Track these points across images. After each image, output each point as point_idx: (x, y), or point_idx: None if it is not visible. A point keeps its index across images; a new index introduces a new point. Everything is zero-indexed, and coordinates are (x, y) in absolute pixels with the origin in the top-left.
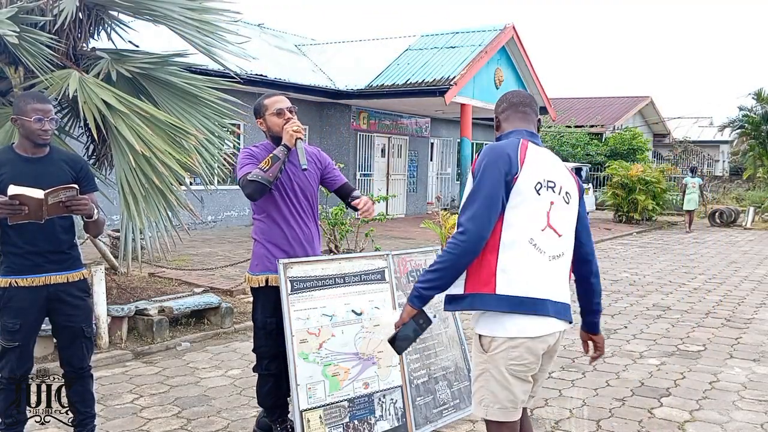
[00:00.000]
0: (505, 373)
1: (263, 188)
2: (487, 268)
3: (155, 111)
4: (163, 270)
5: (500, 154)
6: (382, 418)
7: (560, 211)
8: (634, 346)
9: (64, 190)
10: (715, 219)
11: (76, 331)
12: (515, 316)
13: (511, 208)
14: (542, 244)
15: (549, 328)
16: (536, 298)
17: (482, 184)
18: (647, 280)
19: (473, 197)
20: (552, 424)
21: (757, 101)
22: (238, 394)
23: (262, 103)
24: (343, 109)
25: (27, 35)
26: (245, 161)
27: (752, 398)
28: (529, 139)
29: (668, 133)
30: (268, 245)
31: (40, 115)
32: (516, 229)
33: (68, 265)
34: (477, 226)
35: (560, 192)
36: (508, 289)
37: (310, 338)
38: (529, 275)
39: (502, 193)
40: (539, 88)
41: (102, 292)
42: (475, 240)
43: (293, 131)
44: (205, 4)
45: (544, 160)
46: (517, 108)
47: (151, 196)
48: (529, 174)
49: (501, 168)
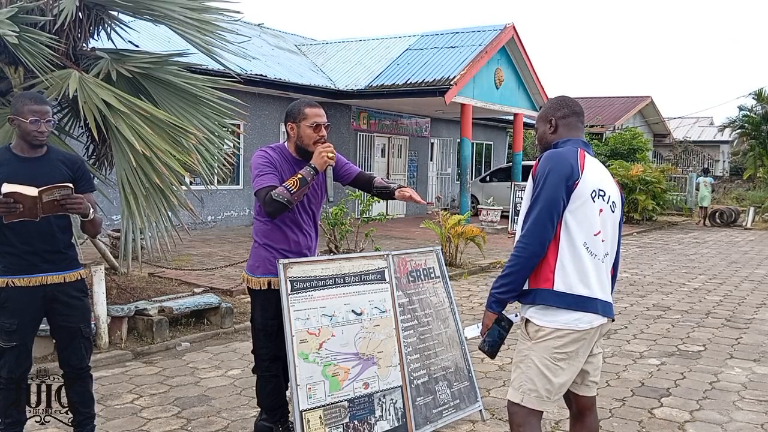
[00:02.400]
0: (546, 361)
1: (286, 209)
2: (547, 266)
3: (155, 110)
4: (163, 270)
5: (562, 161)
6: (382, 418)
7: (607, 219)
8: (634, 346)
9: (59, 189)
10: (716, 219)
11: (73, 331)
12: (566, 310)
13: (570, 212)
14: (594, 247)
15: (595, 323)
16: (588, 297)
17: (545, 189)
18: (647, 280)
19: (536, 201)
20: (552, 424)
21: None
22: (238, 394)
23: (302, 109)
24: (343, 109)
25: (27, 35)
26: (265, 168)
27: (752, 398)
28: (585, 149)
29: (668, 133)
30: (270, 248)
31: (37, 117)
32: (573, 232)
33: (65, 265)
34: (540, 230)
35: (608, 201)
36: (564, 287)
37: (310, 338)
38: (583, 275)
39: (563, 197)
40: (539, 88)
41: (102, 292)
42: (539, 242)
43: (328, 157)
44: (206, 3)
45: (598, 170)
46: (578, 117)
47: (152, 195)
48: (587, 181)
49: (563, 173)
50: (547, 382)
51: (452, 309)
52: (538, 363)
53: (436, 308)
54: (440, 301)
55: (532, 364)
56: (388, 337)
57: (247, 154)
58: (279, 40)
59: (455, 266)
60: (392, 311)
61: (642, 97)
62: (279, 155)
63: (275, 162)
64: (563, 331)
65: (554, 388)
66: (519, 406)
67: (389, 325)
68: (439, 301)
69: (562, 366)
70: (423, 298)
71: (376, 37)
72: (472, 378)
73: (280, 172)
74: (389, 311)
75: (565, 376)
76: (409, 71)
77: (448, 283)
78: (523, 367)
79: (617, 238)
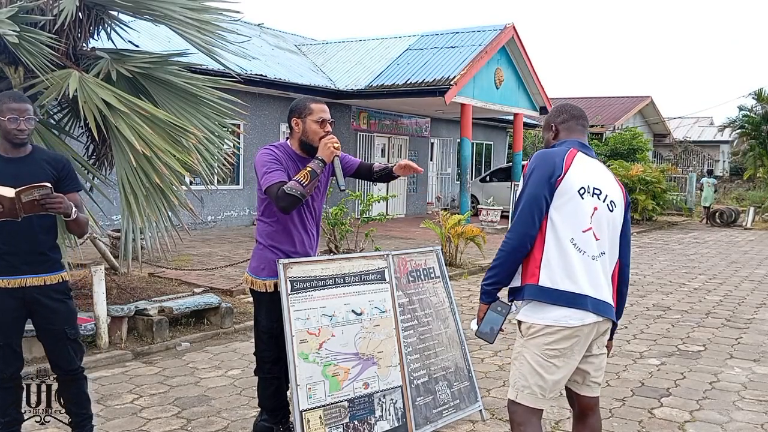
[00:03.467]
0: (538, 358)
1: (299, 203)
2: (533, 262)
3: (155, 110)
4: (163, 270)
5: (546, 158)
6: (382, 418)
7: (603, 217)
8: (634, 346)
9: (37, 188)
10: (716, 219)
11: (57, 333)
12: (555, 307)
13: (555, 209)
14: (583, 244)
15: (587, 320)
16: (576, 293)
17: (528, 186)
18: (647, 280)
19: (520, 198)
20: (552, 424)
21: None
22: (238, 394)
23: (308, 105)
24: (343, 109)
25: (27, 35)
26: (273, 165)
27: (752, 398)
28: (579, 149)
29: (668, 133)
30: (276, 250)
31: (15, 115)
32: (558, 229)
33: (46, 267)
34: (521, 225)
35: (605, 200)
36: (550, 282)
37: (310, 338)
38: (570, 271)
39: (545, 193)
40: (539, 88)
41: (102, 292)
42: (520, 237)
43: (334, 147)
44: (205, 3)
45: (592, 169)
46: (578, 120)
47: (152, 195)
48: (573, 178)
49: (545, 170)
50: (540, 379)
51: (452, 309)
52: (530, 360)
53: (436, 308)
54: (440, 301)
55: (525, 361)
56: (388, 337)
57: (247, 154)
58: (279, 40)
59: (455, 266)
60: (392, 311)
61: (642, 97)
62: (283, 153)
63: (280, 159)
64: (553, 327)
65: (548, 386)
66: (518, 404)
67: (389, 325)
68: (439, 301)
69: (556, 363)
70: (423, 298)
71: (376, 37)
72: (472, 378)
73: (285, 169)
74: (389, 311)
75: (560, 374)
76: (409, 71)
77: (448, 283)
78: (517, 365)
79: (619, 239)
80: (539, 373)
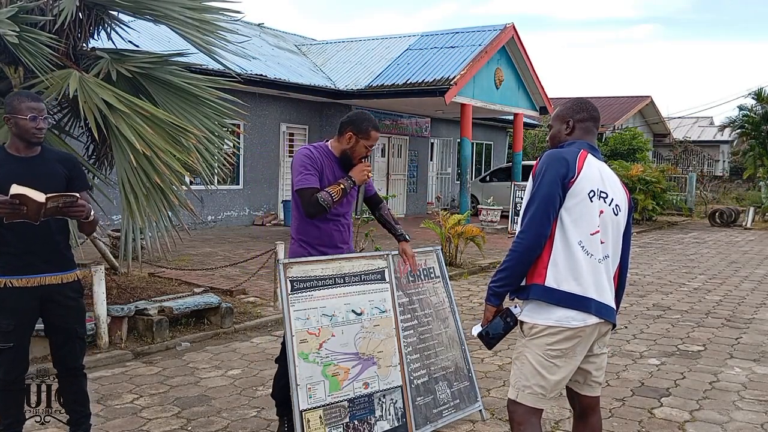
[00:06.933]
0: (540, 358)
1: (324, 213)
2: (541, 262)
3: (156, 110)
4: (163, 270)
5: (559, 159)
6: (382, 418)
7: (608, 221)
8: (634, 346)
9: (65, 197)
10: (716, 219)
11: (69, 331)
12: (558, 307)
13: (566, 210)
14: (590, 247)
15: (589, 322)
16: (581, 296)
17: (542, 186)
18: (647, 280)
19: (533, 198)
20: (552, 424)
21: (757, 101)
22: (238, 394)
23: (370, 130)
24: (343, 109)
25: (27, 35)
26: (309, 169)
27: (752, 398)
28: (589, 151)
29: (668, 133)
30: (305, 245)
31: (35, 113)
32: (568, 230)
33: (62, 266)
34: (536, 225)
35: (611, 203)
36: (555, 284)
37: (309, 338)
38: (576, 273)
39: (559, 193)
40: (539, 88)
41: (102, 292)
42: (535, 237)
43: (368, 176)
44: (206, 3)
45: (601, 172)
46: (596, 123)
47: (152, 195)
48: (585, 181)
49: (559, 171)
50: (542, 379)
51: (452, 309)
52: (532, 360)
53: (436, 308)
54: (440, 301)
55: (527, 361)
56: (388, 337)
57: (247, 153)
58: (279, 40)
59: (455, 266)
60: (392, 311)
61: (642, 97)
62: (321, 154)
63: (318, 160)
64: (556, 328)
65: (549, 386)
66: (517, 404)
67: (389, 325)
68: (439, 301)
69: (558, 363)
70: (423, 298)
71: (376, 37)
72: (472, 378)
73: (321, 169)
74: (389, 311)
75: (561, 374)
76: (409, 71)
77: (448, 282)
78: (518, 364)
79: (622, 243)
80: (541, 373)
